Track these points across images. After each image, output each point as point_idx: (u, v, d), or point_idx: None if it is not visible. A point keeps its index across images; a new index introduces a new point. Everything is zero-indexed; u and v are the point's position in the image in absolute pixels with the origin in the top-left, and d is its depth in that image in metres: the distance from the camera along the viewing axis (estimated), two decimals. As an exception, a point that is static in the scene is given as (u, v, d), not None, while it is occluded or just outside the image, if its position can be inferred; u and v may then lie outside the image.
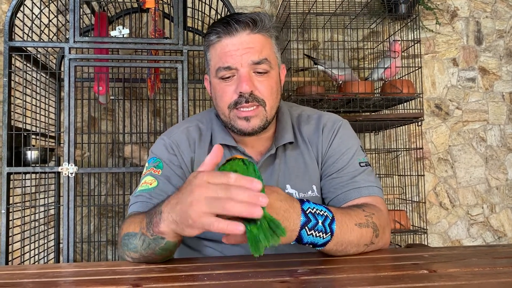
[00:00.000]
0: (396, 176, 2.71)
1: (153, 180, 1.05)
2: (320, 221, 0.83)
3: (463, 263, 0.85)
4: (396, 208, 2.65)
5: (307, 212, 0.83)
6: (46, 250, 2.20)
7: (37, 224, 2.15)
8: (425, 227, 2.46)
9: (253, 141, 1.12)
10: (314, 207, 0.85)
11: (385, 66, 2.32)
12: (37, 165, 1.94)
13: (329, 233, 0.85)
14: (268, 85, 1.06)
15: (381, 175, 2.73)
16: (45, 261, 2.17)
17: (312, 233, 0.83)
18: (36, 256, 2.11)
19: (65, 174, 1.81)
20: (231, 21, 1.03)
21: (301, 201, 0.84)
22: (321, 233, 0.84)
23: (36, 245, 2.11)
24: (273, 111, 1.08)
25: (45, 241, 2.22)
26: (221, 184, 0.70)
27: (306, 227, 0.82)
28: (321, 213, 0.85)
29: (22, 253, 1.95)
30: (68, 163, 1.82)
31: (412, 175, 2.63)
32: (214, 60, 1.07)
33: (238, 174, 0.72)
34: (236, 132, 1.09)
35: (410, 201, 2.64)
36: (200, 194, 0.71)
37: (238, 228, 0.68)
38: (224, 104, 1.07)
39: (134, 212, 1.00)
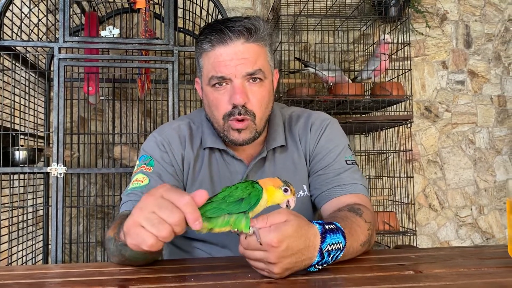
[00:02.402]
0: (386, 178, 2.72)
1: (144, 178, 1.05)
2: (331, 256, 0.79)
3: (449, 263, 0.85)
4: (385, 210, 2.67)
5: (325, 251, 0.77)
6: (34, 252, 2.18)
7: (25, 225, 2.13)
8: (414, 229, 2.48)
9: (244, 146, 1.11)
10: (333, 242, 0.79)
11: (373, 67, 2.33)
12: (25, 165, 1.92)
13: (332, 261, 0.81)
14: (261, 96, 1.05)
15: (370, 177, 2.74)
16: (33, 262, 2.15)
17: (318, 267, 0.79)
18: (24, 258, 2.09)
19: (54, 174, 1.80)
20: (225, 30, 1.01)
21: (323, 234, 0.78)
22: (325, 264, 0.80)
23: (24, 246, 2.09)
24: (262, 122, 1.08)
25: (33, 242, 2.20)
26: (170, 205, 0.67)
27: (316, 264, 0.78)
28: (336, 247, 0.80)
29: (10, 254, 1.93)
30: (57, 164, 1.80)
31: (402, 177, 2.64)
32: (207, 68, 1.06)
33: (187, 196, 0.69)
34: (228, 142, 1.09)
35: (399, 203, 2.66)
36: (145, 203, 0.69)
37: (148, 244, 0.68)
38: (218, 114, 1.06)
39: (126, 212, 1.00)
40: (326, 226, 0.80)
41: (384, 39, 2.33)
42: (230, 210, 0.73)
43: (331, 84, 2.33)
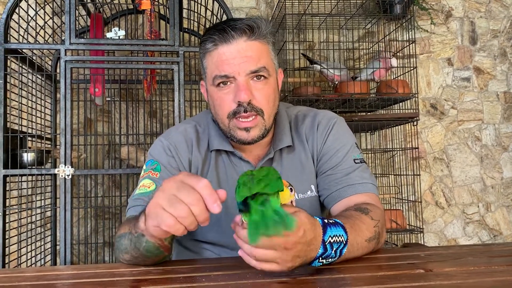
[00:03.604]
0: (392, 176, 2.72)
1: (151, 183, 1.05)
2: (334, 249, 0.80)
3: (458, 262, 0.85)
4: (392, 208, 2.66)
5: (327, 242, 0.79)
6: (43, 252, 2.19)
7: (33, 226, 2.15)
8: (421, 226, 2.47)
9: (251, 147, 1.11)
10: (334, 235, 0.80)
11: (375, 68, 2.33)
12: (33, 167, 1.93)
13: (337, 257, 0.82)
14: (266, 93, 1.05)
15: (377, 175, 2.74)
16: (42, 263, 2.16)
17: (322, 261, 0.80)
18: (33, 259, 2.11)
19: (62, 176, 1.81)
20: (227, 28, 1.01)
21: (323, 227, 0.79)
22: (330, 259, 0.81)
23: (33, 248, 2.11)
24: (271, 119, 1.08)
25: (42, 243, 2.22)
26: (188, 187, 0.70)
27: (319, 257, 0.79)
28: (338, 240, 0.81)
29: (19, 256, 1.94)
30: (65, 165, 1.81)
31: (408, 175, 2.64)
32: (210, 68, 1.06)
33: (206, 183, 0.70)
34: (235, 141, 1.08)
35: (406, 201, 2.65)
36: (166, 187, 0.72)
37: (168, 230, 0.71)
38: (223, 113, 1.06)
39: (132, 216, 1.00)
40: (325, 220, 0.82)
41: (390, 63, 2.32)
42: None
43: (337, 82, 2.33)
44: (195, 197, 0.69)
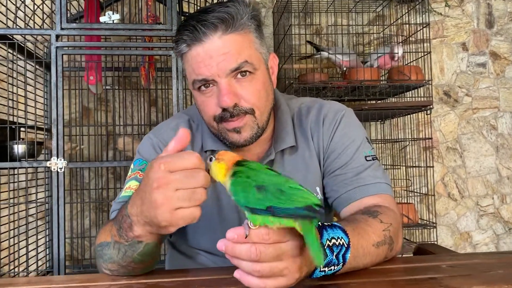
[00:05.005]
0: (404, 167, 2.60)
1: (138, 186, 0.94)
2: (335, 253, 0.71)
3: (488, 277, 0.74)
4: (403, 201, 2.55)
5: (325, 246, 0.70)
6: (36, 249, 2.09)
7: (28, 220, 2.06)
8: (434, 221, 2.36)
9: (247, 146, 0.99)
10: (331, 237, 0.71)
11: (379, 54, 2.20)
12: (24, 159, 1.84)
13: (341, 263, 0.72)
14: (254, 90, 0.93)
15: (387, 167, 2.62)
16: (37, 259, 2.07)
17: (324, 270, 0.71)
18: (26, 255, 2.02)
19: (54, 169, 1.71)
20: (197, 26, 0.89)
21: (319, 229, 0.71)
22: (333, 266, 0.71)
23: (25, 244, 2.02)
24: (264, 116, 0.96)
25: (35, 238, 2.13)
26: (183, 170, 0.65)
27: (320, 266, 0.70)
28: (337, 243, 0.71)
29: (12, 252, 1.86)
30: (57, 158, 1.72)
31: (421, 167, 2.52)
32: (188, 71, 0.95)
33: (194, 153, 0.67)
34: (228, 145, 0.98)
35: (418, 194, 2.54)
36: (164, 190, 0.64)
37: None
38: (209, 118, 0.96)
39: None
40: (320, 222, 0.72)
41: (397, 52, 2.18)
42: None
43: (345, 69, 2.20)
44: (204, 177, 0.66)
